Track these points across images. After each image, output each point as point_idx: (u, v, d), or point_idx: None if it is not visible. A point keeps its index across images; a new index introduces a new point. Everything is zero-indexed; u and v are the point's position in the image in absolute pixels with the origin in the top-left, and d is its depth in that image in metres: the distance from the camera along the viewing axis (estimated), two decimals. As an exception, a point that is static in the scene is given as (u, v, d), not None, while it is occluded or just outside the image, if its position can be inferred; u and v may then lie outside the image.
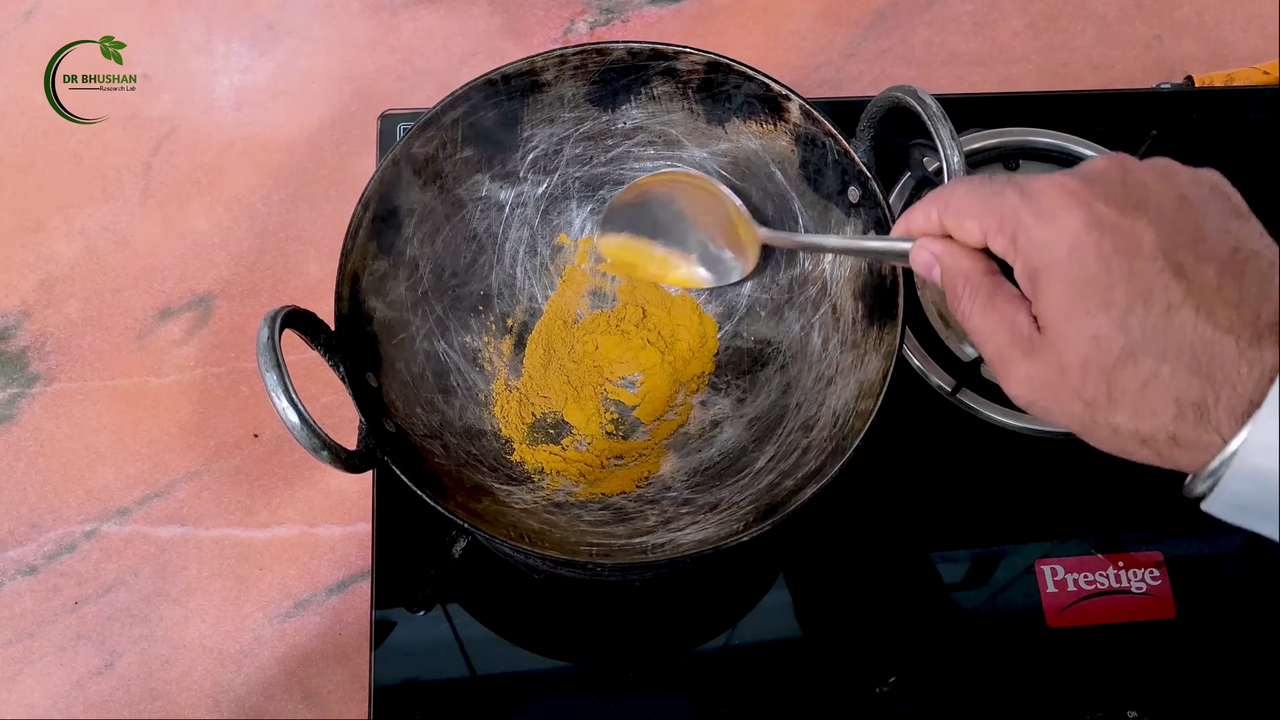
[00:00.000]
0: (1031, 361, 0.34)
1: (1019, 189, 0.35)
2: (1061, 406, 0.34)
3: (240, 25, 0.76)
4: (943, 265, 0.38)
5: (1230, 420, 0.30)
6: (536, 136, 0.56)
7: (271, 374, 0.40)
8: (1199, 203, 0.33)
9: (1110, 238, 0.32)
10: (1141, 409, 0.32)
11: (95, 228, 0.68)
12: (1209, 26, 0.80)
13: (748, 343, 0.58)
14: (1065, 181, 0.34)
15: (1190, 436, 0.31)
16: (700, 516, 0.50)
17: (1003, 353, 0.35)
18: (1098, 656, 0.55)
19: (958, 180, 0.38)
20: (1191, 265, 0.31)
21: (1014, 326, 0.35)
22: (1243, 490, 0.30)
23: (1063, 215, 0.33)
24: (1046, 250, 0.33)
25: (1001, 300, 0.36)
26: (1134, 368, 0.31)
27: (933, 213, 0.38)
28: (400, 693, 0.53)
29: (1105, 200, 0.33)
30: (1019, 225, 0.34)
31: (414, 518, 0.56)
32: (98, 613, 0.59)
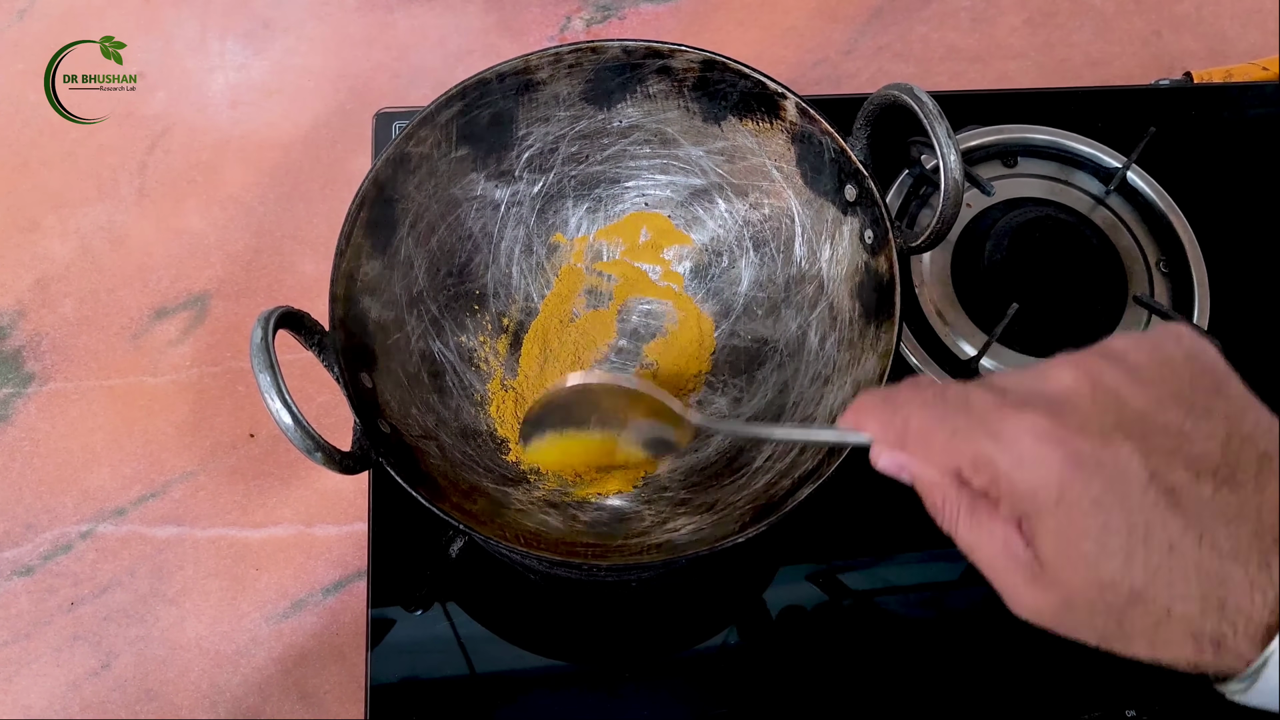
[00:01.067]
0: (1036, 592, 0.32)
1: (986, 429, 0.32)
2: (1073, 633, 0.33)
3: (235, 23, 0.75)
4: (913, 475, 0.36)
5: (1250, 647, 0.30)
6: (532, 135, 0.56)
7: (265, 375, 0.40)
8: (1177, 391, 0.32)
9: (1096, 478, 0.30)
10: (1157, 644, 0.31)
11: (90, 227, 0.68)
12: (1208, 22, 0.80)
13: (745, 342, 0.58)
14: (1037, 422, 0.31)
15: (1211, 663, 0.31)
16: (697, 516, 0.50)
17: (1001, 576, 0.33)
18: (1096, 655, 0.55)
19: (906, 397, 0.36)
20: (1185, 486, 0.30)
21: (1008, 548, 0.33)
22: (1268, 700, 0.30)
23: (1041, 462, 0.31)
24: (1033, 500, 0.32)
25: (987, 516, 0.34)
26: (1143, 609, 0.31)
27: (890, 432, 0.36)
28: (397, 692, 0.53)
29: (1082, 432, 0.31)
30: (997, 473, 0.32)
31: (410, 517, 0.55)
32: (94, 613, 0.59)
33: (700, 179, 0.58)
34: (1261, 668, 0.30)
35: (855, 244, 0.52)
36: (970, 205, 0.65)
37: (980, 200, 0.65)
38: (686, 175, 0.58)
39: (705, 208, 0.58)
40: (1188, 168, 0.68)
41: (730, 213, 0.58)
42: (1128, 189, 0.67)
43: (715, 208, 0.58)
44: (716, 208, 0.58)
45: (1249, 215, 0.68)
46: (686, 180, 0.58)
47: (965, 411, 0.33)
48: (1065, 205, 0.66)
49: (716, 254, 0.59)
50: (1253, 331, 0.63)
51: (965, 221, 0.65)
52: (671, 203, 0.59)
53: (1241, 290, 0.64)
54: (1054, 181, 0.67)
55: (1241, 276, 0.64)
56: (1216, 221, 0.66)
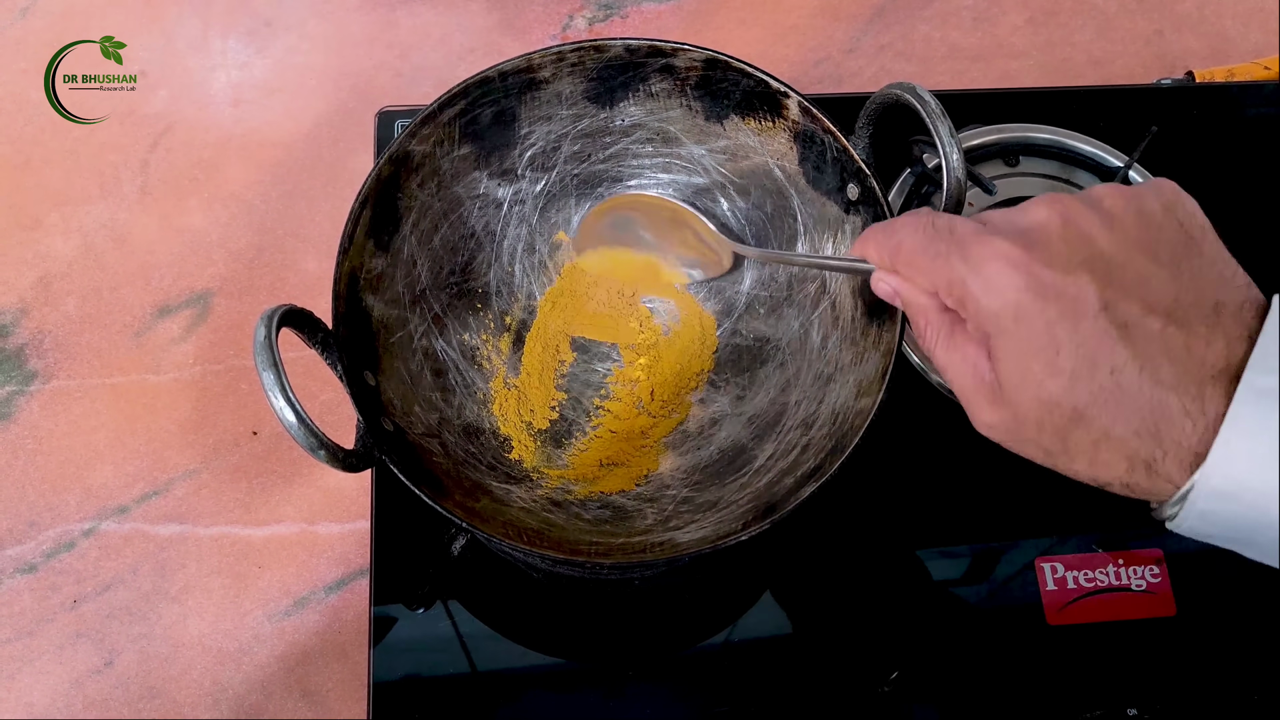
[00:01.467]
0: (994, 409, 0.35)
1: (961, 252, 0.35)
2: (1024, 450, 0.36)
3: (237, 21, 0.75)
4: (903, 298, 0.39)
5: (1180, 471, 0.32)
6: (534, 134, 0.56)
7: (269, 373, 0.40)
8: (1148, 240, 0.34)
9: (1054, 304, 0.33)
10: (1096, 462, 0.34)
11: (93, 225, 0.68)
12: (1210, 21, 0.80)
13: (747, 340, 0.58)
14: (1005, 248, 0.34)
15: (1144, 485, 0.33)
16: (699, 515, 0.50)
17: (967, 394, 0.37)
18: (1098, 654, 0.55)
19: (902, 223, 0.39)
20: (1136, 319, 0.32)
21: (976, 370, 0.36)
22: (1199, 526, 0.33)
23: (1005, 285, 0.34)
24: (993, 319, 0.34)
25: (962, 339, 0.37)
26: (1085, 429, 0.33)
27: (885, 253, 0.39)
28: (399, 690, 0.53)
29: (1046, 262, 0.33)
30: (965, 293, 0.35)
31: (413, 515, 0.55)
32: (97, 611, 0.59)
33: (702, 178, 0.58)
34: (1189, 492, 0.32)
35: (858, 243, 0.52)
36: (972, 204, 0.65)
37: (982, 199, 0.65)
38: (689, 174, 0.58)
39: (707, 206, 0.58)
40: (1189, 167, 0.67)
41: (732, 211, 0.58)
42: (1130, 188, 0.67)
43: (717, 206, 0.58)
44: (718, 206, 0.58)
45: (1251, 214, 0.68)
46: (689, 179, 0.58)
47: (948, 237, 0.36)
48: (1067, 204, 0.66)
49: (719, 253, 0.59)
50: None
51: (967, 220, 0.65)
52: (674, 201, 0.59)
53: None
54: (1056, 180, 0.67)
55: (1243, 275, 0.64)
56: (1218, 221, 0.65)
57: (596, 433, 0.56)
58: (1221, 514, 0.31)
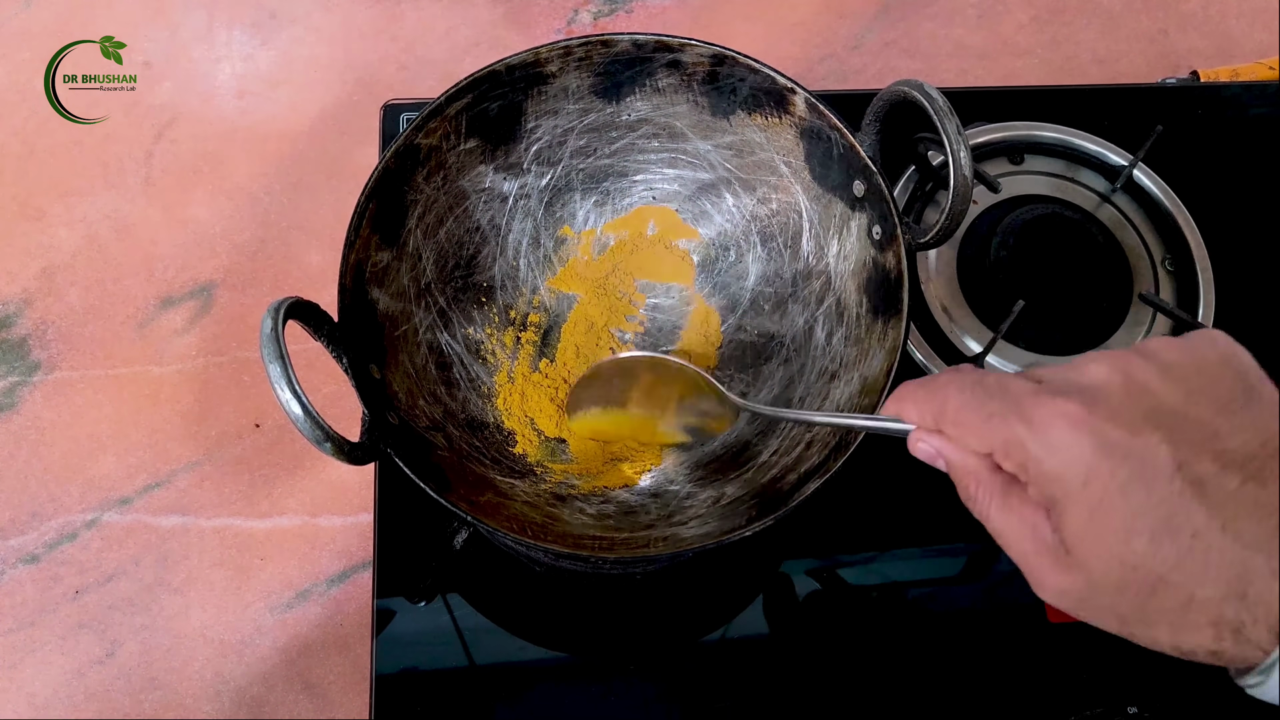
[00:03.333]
0: (1062, 575, 0.33)
1: (1020, 414, 0.33)
2: (1098, 618, 0.34)
3: (242, 13, 0.75)
4: (948, 461, 0.37)
5: (1269, 636, 0.30)
6: (540, 128, 0.56)
7: (275, 365, 0.40)
8: (1210, 390, 0.33)
9: (1124, 465, 0.31)
10: (1180, 630, 0.32)
11: (96, 216, 0.68)
12: (1214, 21, 0.80)
13: (751, 336, 0.58)
14: (1069, 409, 0.32)
15: (1232, 652, 0.31)
16: (703, 510, 0.50)
17: (1030, 560, 0.34)
18: (1098, 652, 0.55)
19: (946, 381, 0.37)
20: (1212, 477, 0.31)
21: (1037, 533, 0.34)
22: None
23: (1071, 447, 0.32)
24: (1060, 484, 0.32)
25: (1019, 502, 0.35)
26: (1167, 594, 0.31)
27: (927, 414, 0.37)
28: (401, 682, 0.53)
29: (1112, 421, 0.32)
30: (1027, 456, 0.33)
31: (416, 508, 0.56)
32: (99, 602, 0.59)
33: (708, 173, 0.58)
34: (1272, 669, 0.30)
35: (863, 239, 0.52)
36: (976, 202, 0.65)
37: (986, 197, 0.65)
38: (694, 169, 0.58)
39: (713, 202, 0.58)
40: (1194, 166, 0.68)
41: (738, 207, 0.58)
42: (1134, 187, 0.67)
43: (723, 202, 0.58)
44: (724, 202, 0.58)
45: (1254, 214, 0.68)
46: (694, 174, 0.58)
47: (1001, 396, 0.34)
48: (1071, 203, 0.66)
49: (724, 248, 0.59)
50: (1257, 329, 0.63)
51: (971, 218, 0.65)
52: (679, 196, 0.59)
53: (1246, 288, 0.64)
54: (1060, 179, 0.67)
55: (1246, 275, 0.65)
56: (1222, 220, 0.66)
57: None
58: None
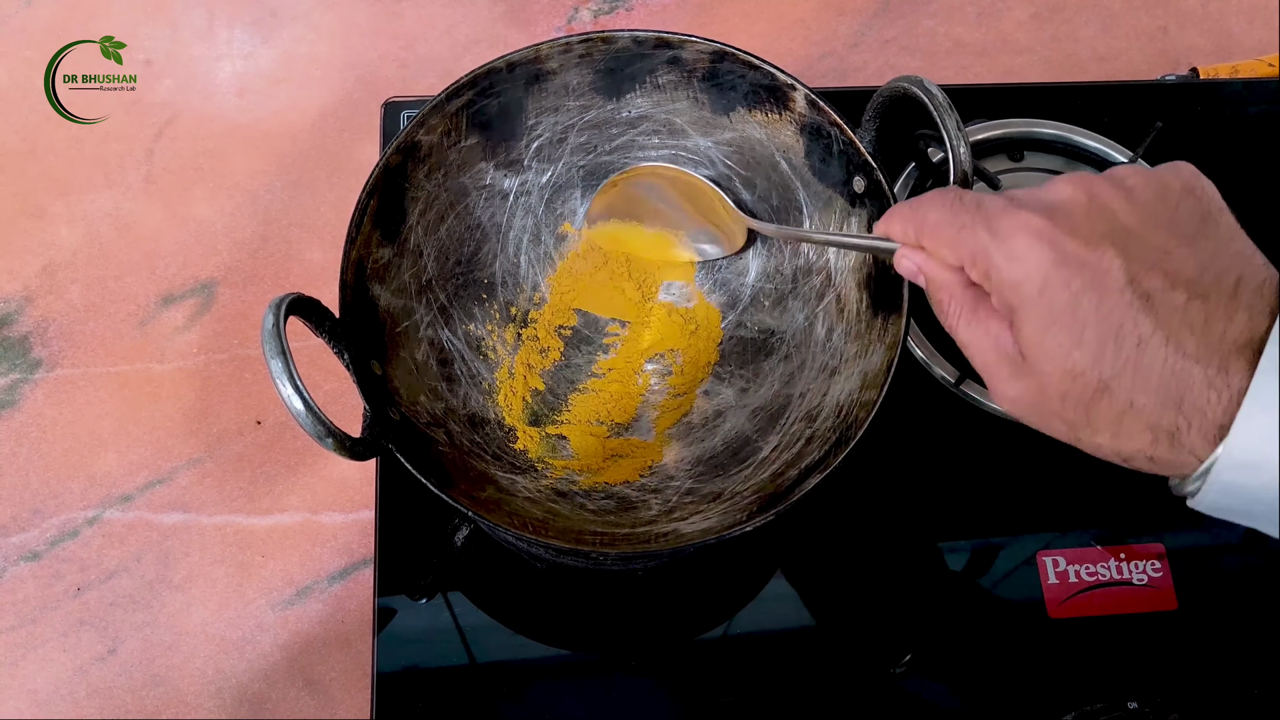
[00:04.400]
0: (1017, 382, 0.36)
1: (987, 225, 0.35)
2: (1047, 424, 0.36)
3: (243, 11, 0.75)
4: (926, 275, 0.40)
5: (1203, 443, 0.32)
6: (541, 125, 0.56)
7: (276, 361, 0.40)
8: (1168, 215, 0.34)
9: (1078, 275, 0.33)
10: (1120, 434, 0.34)
11: (97, 214, 0.68)
12: (1214, 18, 0.80)
13: (751, 332, 0.58)
14: (1030, 220, 0.34)
15: (1167, 458, 0.33)
16: (703, 506, 0.50)
17: (990, 368, 0.37)
18: (1099, 647, 0.55)
19: (929, 199, 0.39)
20: (1160, 292, 0.32)
21: (998, 343, 0.36)
22: (1220, 500, 0.33)
23: (1030, 256, 0.34)
24: (1018, 290, 0.34)
25: (985, 314, 0.37)
26: (1109, 400, 0.33)
27: (909, 229, 0.40)
28: (402, 679, 0.53)
29: (1071, 234, 0.34)
30: (990, 264, 0.35)
31: (417, 505, 0.56)
32: (100, 599, 0.59)
33: (709, 170, 0.58)
34: (1212, 465, 0.32)
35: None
36: (976, 199, 0.65)
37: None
38: (695, 166, 0.58)
39: None
40: (1193, 162, 0.68)
41: (738, 204, 0.58)
42: (1134, 184, 0.67)
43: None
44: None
45: (1254, 210, 0.68)
46: (695, 171, 0.58)
47: (974, 210, 0.36)
48: (1071, 199, 0.66)
49: (724, 245, 0.59)
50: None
51: (971, 215, 0.65)
52: (679, 194, 0.59)
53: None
54: (1060, 176, 0.67)
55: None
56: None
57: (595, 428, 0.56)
58: (1244, 486, 0.32)
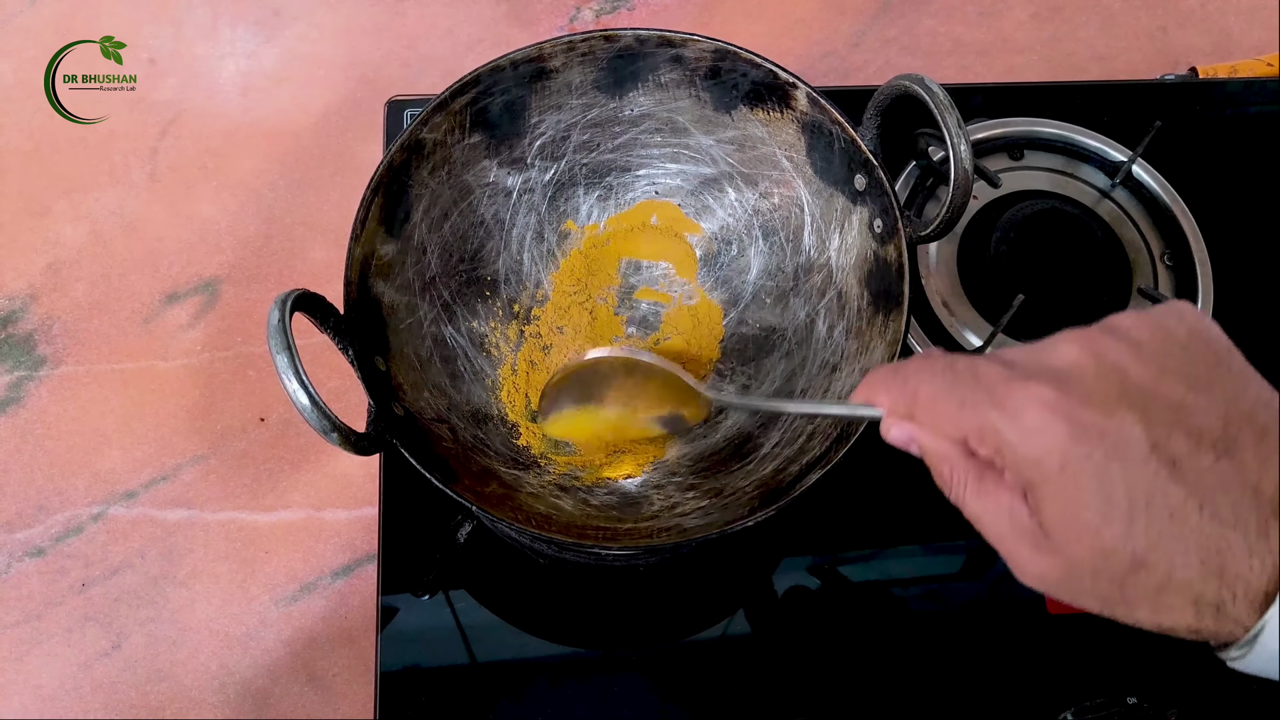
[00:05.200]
0: (1041, 559, 0.33)
1: (992, 400, 0.33)
2: (1077, 600, 0.34)
3: (246, 10, 0.76)
4: (922, 447, 0.37)
5: (1249, 612, 0.31)
6: (544, 123, 0.56)
7: (282, 356, 0.40)
8: (1180, 365, 0.33)
9: (1099, 446, 0.31)
10: (1160, 609, 0.32)
11: (102, 212, 0.69)
12: (1213, 18, 0.80)
13: (753, 330, 0.58)
14: (1041, 392, 0.32)
15: (1212, 629, 0.32)
16: (705, 501, 0.51)
17: (1007, 543, 0.34)
18: (1098, 643, 0.55)
19: (916, 367, 0.36)
20: (1186, 455, 0.31)
21: (1014, 517, 0.34)
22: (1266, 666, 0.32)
23: (1046, 431, 0.32)
24: (1038, 468, 0.32)
25: (993, 486, 0.34)
26: (1146, 574, 0.31)
27: (899, 400, 0.37)
28: (406, 678, 0.54)
29: (1085, 403, 0.32)
30: (1002, 442, 0.33)
31: (420, 502, 0.56)
32: (104, 594, 0.59)
33: (710, 168, 0.58)
34: (1259, 634, 0.30)
35: (864, 233, 0.52)
36: (977, 197, 0.65)
37: (987, 192, 0.66)
38: (697, 164, 0.58)
39: (715, 196, 0.59)
40: (1192, 162, 0.68)
41: (740, 201, 0.58)
42: (1133, 182, 0.67)
43: (725, 196, 0.59)
44: (726, 196, 0.59)
45: (1252, 209, 0.68)
46: (697, 169, 0.58)
47: (973, 383, 0.34)
48: (1071, 198, 0.66)
49: (726, 242, 0.59)
50: (1256, 324, 0.64)
51: (971, 213, 0.65)
52: (682, 191, 0.60)
53: (1245, 283, 0.64)
54: (1060, 174, 0.68)
55: (1245, 270, 0.65)
56: (1220, 215, 0.66)
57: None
58: None
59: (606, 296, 0.59)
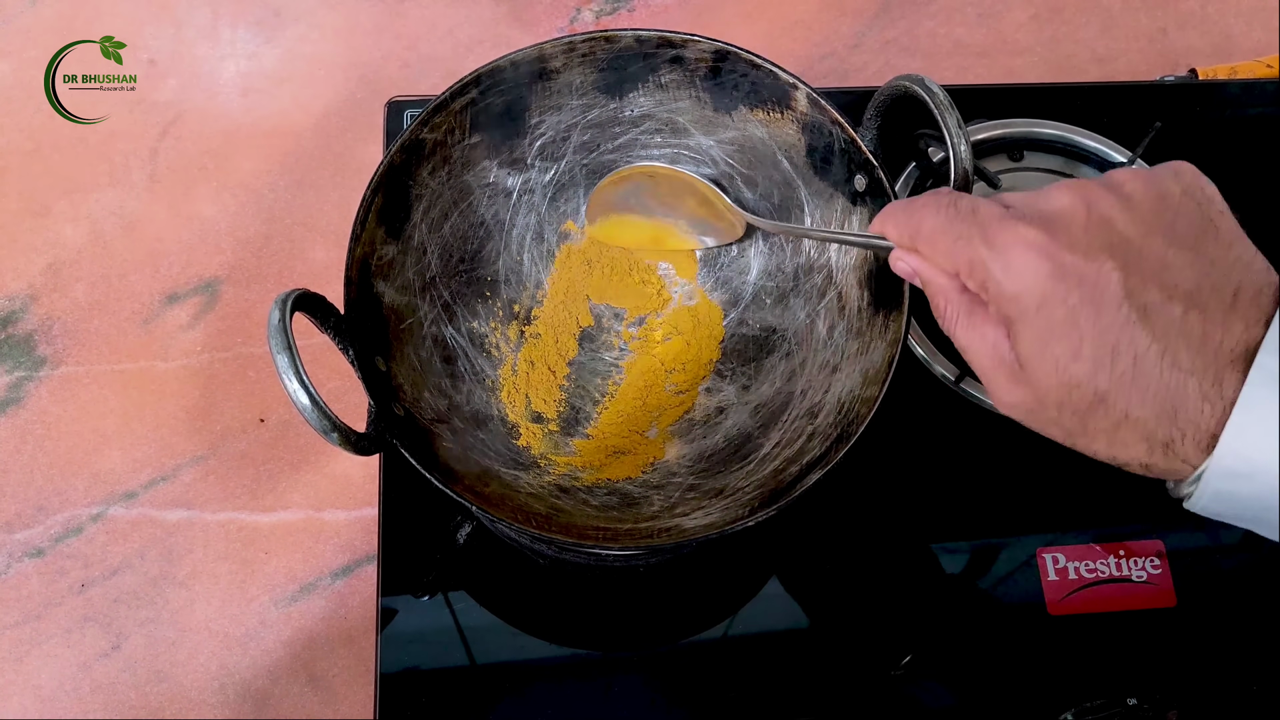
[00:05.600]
0: (1015, 388, 0.36)
1: (984, 236, 0.35)
2: (1044, 429, 0.37)
3: (246, 11, 0.76)
4: (922, 278, 0.40)
5: (1196, 453, 0.33)
6: (544, 124, 0.56)
7: (283, 356, 0.40)
8: (1167, 223, 0.34)
9: (1076, 289, 0.33)
10: (1115, 443, 0.34)
11: (102, 212, 0.69)
12: (1213, 20, 0.80)
13: (753, 330, 0.58)
14: (1028, 234, 0.34)
15: (1161, 466, 0.34)
16: (706, 502, 0.51)
17: (987, 373, 0.37)
18: (1098, 644, 0.55)
19: (923, 203, 0.39)
20: (1158, 305, 0.33)
21: (995, 349, 0.36)
22: (1213, 505, 0.34)
23: (1028, 271, 0.34)
24: (1016, 303, 0.35)
25: (981, 320, 0.37)
26: (1105, 411, 0.34)
27: (905, 233, 0.40)
28: (406, 680, 0.54)
29: (1069, 247, 0.34)
30: (987, 276, 0.35)
31: (420, 503, 0.56)
32: (104, 595, 0.59)
33: (710, 169, 0.58)
34: (1204, 472, 0.33)
35: (865, 234, 0.52)
36: (977, 198, 0.65)
37: (986, 194, 0.66)
38: (697, 165, 0.58)
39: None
40: (1192, 163, 0.68)
41: (739, 202, 0.58)
42: (1133, 184, 0.67)
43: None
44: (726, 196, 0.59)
45: (1252, 210, 0.68)
46: (697, 170, 0.58)
47: (970, 219, 0.36)
48: (1071, 199, 0.66)
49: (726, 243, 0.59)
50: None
51: (972, 214, 0.65)
52: (681, 192, 0.59)
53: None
54: (1060, 175, 0.68)
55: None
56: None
57: (597, 426, 0.57)
58: (1234, 494, 0.32)
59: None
